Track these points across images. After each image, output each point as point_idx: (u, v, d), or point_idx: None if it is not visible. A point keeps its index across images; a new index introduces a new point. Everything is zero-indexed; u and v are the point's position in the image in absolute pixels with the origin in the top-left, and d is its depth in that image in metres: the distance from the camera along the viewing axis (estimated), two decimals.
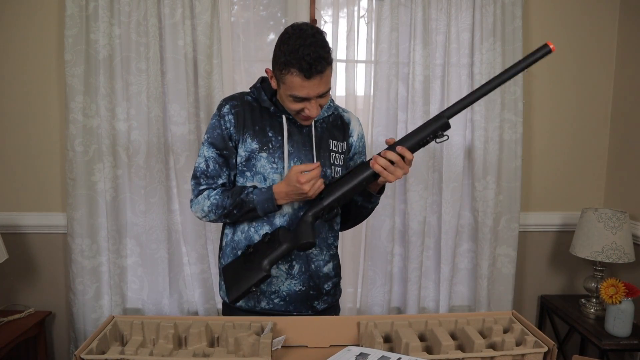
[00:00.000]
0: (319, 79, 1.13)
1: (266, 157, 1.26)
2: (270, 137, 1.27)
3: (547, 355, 1.00)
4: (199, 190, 1.29)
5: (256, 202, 1.21)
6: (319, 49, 1.11)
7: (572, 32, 2.23)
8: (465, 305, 2.30)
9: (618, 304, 1.82)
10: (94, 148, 2.00)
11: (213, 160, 1.28)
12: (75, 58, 1.93)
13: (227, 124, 1.26)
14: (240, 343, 1.01)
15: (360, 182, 1.18)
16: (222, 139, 1.27)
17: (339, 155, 1.33)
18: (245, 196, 1.22)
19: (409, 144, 1.15)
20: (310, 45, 1.10)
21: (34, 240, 2.15)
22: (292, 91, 1.15)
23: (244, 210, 1.23)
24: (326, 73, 1.14)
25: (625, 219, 1.96)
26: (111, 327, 1.05)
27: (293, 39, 1.11)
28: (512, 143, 2.13)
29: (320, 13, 2.09)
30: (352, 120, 1.39)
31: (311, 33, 1.12)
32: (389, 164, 1.14)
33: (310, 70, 1.10)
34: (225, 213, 1.25)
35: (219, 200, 1.25)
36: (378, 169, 1.14)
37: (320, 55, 1.11)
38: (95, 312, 2.07)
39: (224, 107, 1.28)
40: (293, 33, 1.13)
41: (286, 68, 1.12)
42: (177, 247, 2.10)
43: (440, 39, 2.08)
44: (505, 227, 2.18)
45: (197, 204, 1.29)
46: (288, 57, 1.11)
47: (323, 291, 1.34)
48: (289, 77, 1.13)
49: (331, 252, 1.35)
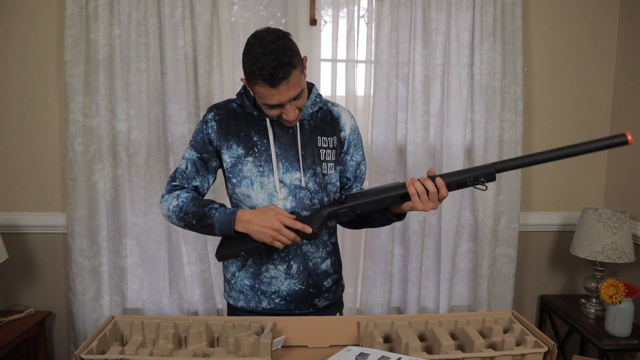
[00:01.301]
0: (285, 85, 1.11)
1: (252, 161, 1.26)
2: (255, 142, 1.27)
3: (547, 355, 1.00)
4: (172, 187, 1.30)
5: (215, 220, 1.20)
6: (280, 55, 1.08)
7: (572, 32, 2.23)
8: (465, 305, 2.30)
9: (618, 304, 1.82)
10: (94, 148, 2.00)
11: (192, 163, 1.30)
12: (75, 58, 1.93)
13: (208, 130, 1.29)
14: (240, 343, 1.01)
15: (386, 198, 1.17)
16: (203, 142, 1.30)
17: (330, 150, 1.32)
18: (208, 210, 1.21)
19: (448, 180, 1.14)
20: (270, 53, 1.08)
21: (34, 240, 2.15)
22: (264, 100, 1.15)
23: (202, 223, 1.22)
24: (292, 77, 1.11)
25: (625, 219, 1.96)
26: (111, 327, 1.05)
27: (254, 48, 1.10)
28: (512, 143, 2.13)
29: (320, 13, 2.09)
30: (342, 114, 1.37)
31: (271, 39, 1.09)
32: (424, 191, 1.13)
33: (273, 79, 1.09)
34: (185, 219, 1.24)
35: (184, 203, 1.24)
36: (412, 191, 1.14)
37: (281, 62, 1.08)
38: (95, 312, 2.07)
39: (209, 114, 1.31)
40: (254, 42, 1.11)
41: (252, 79, 1.12)
42: (177, 247, 2.10)
43: (440, 39, 2.08)
44: (505, 227, 2.17)
45: (166, 201, 1.29)
46: (251, 68, 1.10)
47: (323, 288, 1.34)
48: (256, 87, 1.13)
49: (327, 248, 1.35)
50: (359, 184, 1.41)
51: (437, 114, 2.13)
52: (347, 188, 1.40)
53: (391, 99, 2.08)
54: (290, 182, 1.27)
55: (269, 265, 1.29)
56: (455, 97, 2.11)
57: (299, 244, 1.28)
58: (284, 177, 1.27)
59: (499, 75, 2.09)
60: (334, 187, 1.34)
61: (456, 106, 2.11)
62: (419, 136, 2.08)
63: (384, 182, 2.11)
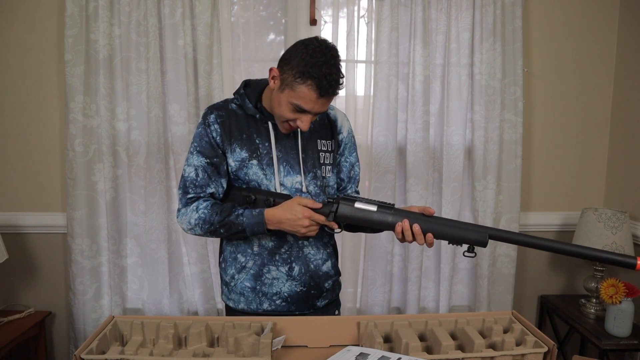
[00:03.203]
0: (328, 100, 1.16)
1: (257, 164, 1.26)
2: (257, 144, 1.26)
3: (547, 355, 1.00)
4: (187, 199, 1.27)
5: (246, 225, 1.20)
6: (339, 72, 1.14)
7: (572, 32, 2.23)
8: (465, 305, 2.30)
9: (618, 304, 1.82)
10: (94, 148, 2.00)
11: (202, 169, 1.26)
12: (75, 58, 1.93)
13: (212, 133, 1.26)
14: (240, 343, 1.01)
15: (375, 225, 1.17)
16: (211, 147, 1.26)
17: (329, 154, 1.33)
18: (235, 218, 1.21)
19: (441, 234, 1.13)
20: (333, 66, 1.11)
21: (34, 240, 2.15)
22: (298, 101, 1.14)
23: (231, 231, 1.22)
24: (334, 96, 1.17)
25: (625, 219, 1.96)
26: (111, 327, 1.05)
27: (318, 52, 1.11)
28: (512, 143, 2.13)
29: (320, 13, 2.09)
30: (339, 117, 1.38)
31: (335, 54, 1.14)
32: (410, 236, 1.14)
33: (327, 90, 1.12)
34: (212, 229, 1.23)
35: (207, 214, 1.23)
36: (399, 236, 1.15)
37: (339, 79, 1.13)
38: (95, 312, 2.07)
39: (210, 116, 1.27)
40: (319, 46, 1.13)
41: (303, 78, 1.11)
42: (177, 247, 2.10)
43: (440, 39, 2.08)
44: (505, 227, 2.17)
45: (184, 215, 1.26)
46: (310, 69, 1.10)
47: (323, 290, 1.35)
48: (302, 87, 1.12)
49: (328, 250, 1.36)
50: (353, 184, 1.42)
51: (437, 114, 2.13)
52: (342, 189, 1.41)
53: (391, 99, 2.08)
54: (291, 186, 1.27)
55: (271, 267, 1.29)
56: (455, 97, 2.11)
57: (300, 247, 1.29)
58: (285, 181, 1.27)
59: (499, 75, 2.09)
60: (332, 190, 1.36)
61: (456, 106, 2.11)
62: (419, 136, 2.08)
63: (384, 182, 2.11)
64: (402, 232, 1.14)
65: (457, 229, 1.13)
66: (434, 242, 1.15)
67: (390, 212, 1.16)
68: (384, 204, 1.18)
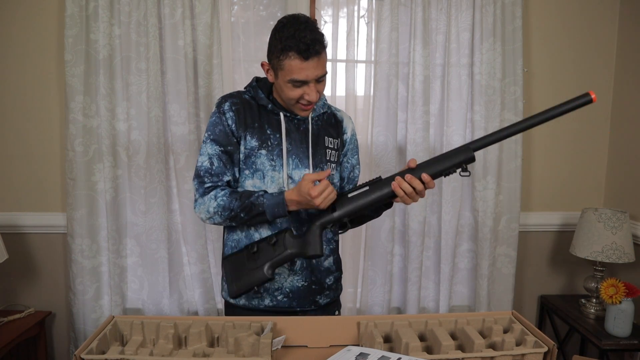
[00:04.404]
0: (316, 61, 1.17)
1: (266, 154, 1.26)
2: (268, 135, 1.27)
3: (547, 355, 1.00)
4: (205, 189, 1.26)
5: (266, 206, 1.19)
6: (314, 32, 1.16)
7: (572, 32, 2.23)
8: (465, 305, 2.30)
9: (618, 304, 1.82)
10: (94, 148, 2.00)
11: (217, 158, 1.26)
12: (75, 58, 1.93)
13: (228, 121, 1.26)
14: (240, 343, 1.01)
15: (375, 200, 1.17)
16: (225, 135, 1.26)
17: (334, 152, 1.35)
18: (255, 199, 1.20)
19: (432, 170, 1.14)
20: (305, 29, 1.15)
21: (34, 240, 2.15)
22: (292, 75, 1.17)
23: (252, 213, 1.20)
24: (322, 56, 1.18)
25: (625, 219, 1.96)
26: (111, 327, 1.05)
27: (288, 26, 1.16)
28: (512, 143, 2.13)
29: (320, 13, 2.09)
30: (345, 118, 1.42)
31: (304, 19, 1.18)
32: (411, 190, 1.14)
33: (308, 51, 1.14)
34: (232, 215, 1.22)
35: (226, 201, 1.22)
36: (400, 193, 1.14)
37: (316, 38, 1.16)
38: (95, 312, 2.07)
39: (224, 104, 1.27)
40: (287, 22, 1.18)
41: (284, 53, 1.15)
42: (177, 247, 2.10)
43: (440, 39, 2.08)
44: (505, 227, 2.17)
45: (202, 204, 1.25)
46: (286, 42, 1.15)
47: (325, 285, 1.35)
48: (287, 62, 1.16)
49: (331, 246, 1.37)
50: (350, 186, 1.43)
51: (437, 114, 2.13)
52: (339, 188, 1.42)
53: (391, 99, 2.08)
54: (299, 179, 1.27)
55: None
56: (455, 97, 2.11)
57: None
58: (293, 173, 1.28)
59: (499, 75, 2.09)
60: (335, 187, 1.35)
61: (456, 106, 2.11)
62: (419, 136, 2.08)
63: None
64: (400, 189, 1.14)
65: (444, 159, 1.15)
66: (433, 183, 1.15)
67: (382, 182, 1.18)
68: (371, 181, 1.20)
